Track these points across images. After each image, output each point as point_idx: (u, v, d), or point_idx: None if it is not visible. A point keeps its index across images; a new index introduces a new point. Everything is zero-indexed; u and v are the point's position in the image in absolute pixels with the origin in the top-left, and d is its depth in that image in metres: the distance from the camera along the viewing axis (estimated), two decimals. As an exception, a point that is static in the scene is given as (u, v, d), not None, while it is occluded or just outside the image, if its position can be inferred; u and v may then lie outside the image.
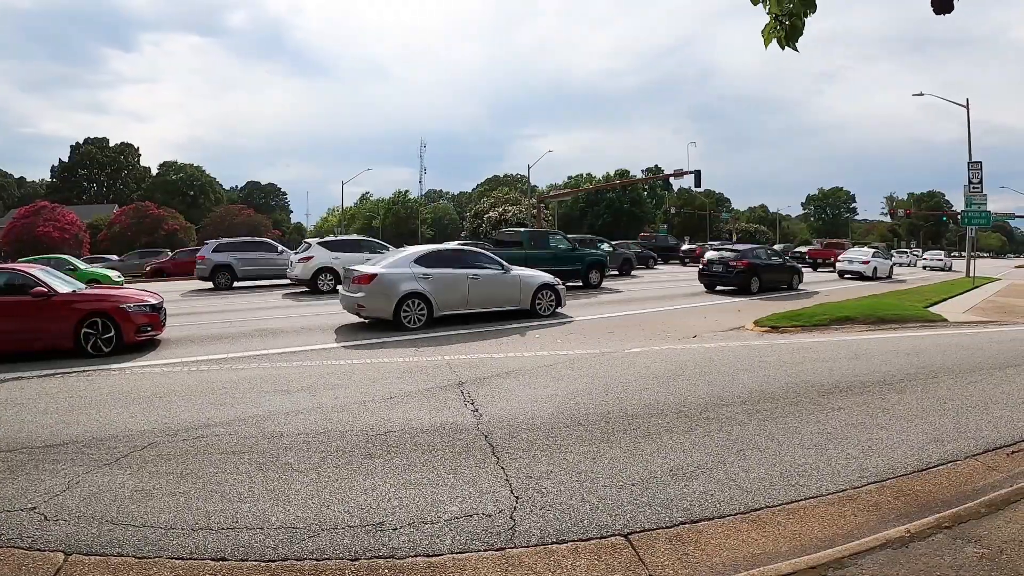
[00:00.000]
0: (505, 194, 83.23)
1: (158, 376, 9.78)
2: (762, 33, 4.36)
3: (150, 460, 6.15)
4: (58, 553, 4.40)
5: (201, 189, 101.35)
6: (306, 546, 4.53)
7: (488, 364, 10.44)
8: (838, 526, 4.98)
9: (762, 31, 4.36)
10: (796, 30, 4.27)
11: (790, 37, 4.28)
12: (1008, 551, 4.47)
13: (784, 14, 4.24)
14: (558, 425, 7.22)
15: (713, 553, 4.53)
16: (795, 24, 4.26)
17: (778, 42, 4.33)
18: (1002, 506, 5.24)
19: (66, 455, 6.28)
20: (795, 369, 10.23)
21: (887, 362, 10.88)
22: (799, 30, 4.27)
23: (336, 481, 5.66)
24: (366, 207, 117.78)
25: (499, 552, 4.48)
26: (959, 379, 9.65)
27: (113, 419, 7.47)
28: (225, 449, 6.46)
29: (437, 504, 5.20)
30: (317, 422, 7.33)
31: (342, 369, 10.15)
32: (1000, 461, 6.43)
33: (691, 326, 15.06)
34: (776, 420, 7.51)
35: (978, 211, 33.11)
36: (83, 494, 5.36)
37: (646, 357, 11.13)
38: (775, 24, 4.30)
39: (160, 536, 4.65)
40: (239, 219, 69.33)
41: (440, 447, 6.50)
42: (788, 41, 4.29)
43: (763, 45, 4.41)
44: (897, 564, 4.28)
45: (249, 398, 8.41)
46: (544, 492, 5.45)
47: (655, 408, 7.93)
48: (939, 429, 7.29)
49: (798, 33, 4.28)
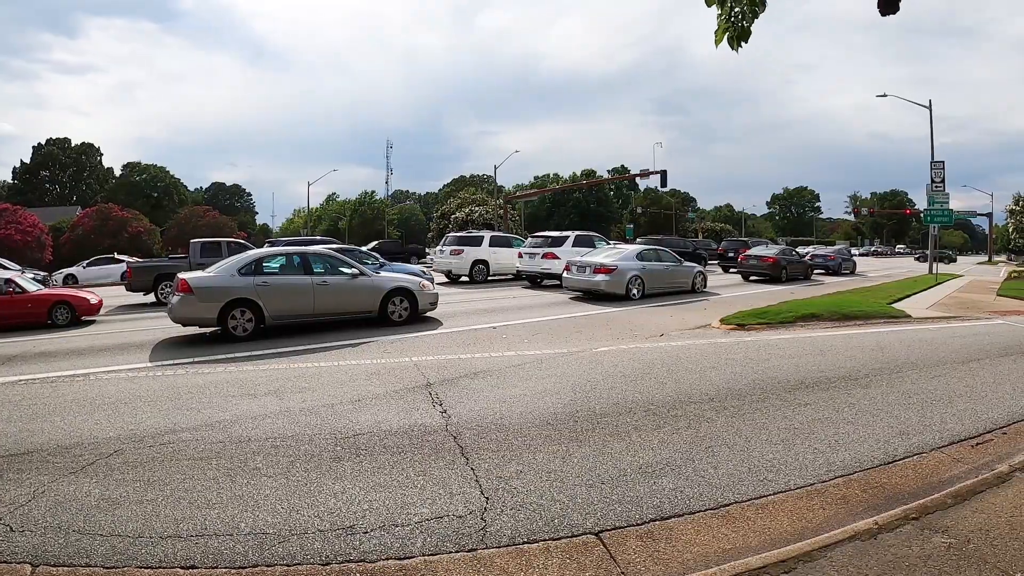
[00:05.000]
0: (472, 194, 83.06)
1: (123, 382, 9.64)
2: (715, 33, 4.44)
3: (116, 468, 6.06)
4: (25, 565, 4.32)
5: (165, 190, 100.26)
6: (276, 551, 4.49)
7: (456, 365, 10.42)
8: (807, 520, 5.03)
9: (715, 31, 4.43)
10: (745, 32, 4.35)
11: (741, 37, 4.35)
12: (975, 540, 4.55)
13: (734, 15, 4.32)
14: (527, 425, 7.22)
15: (684, 549, 4.56)
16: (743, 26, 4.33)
17: (728, 42, 4.40)
18: (968, 496, 5.33)
19: (31, 464, 6.17)
20: (762, 366, 10.33)
21: (852, 358, 11.02)
22: (747, 31, 4.35)
23: (305, 485, 5.61)
24: (332, 208, 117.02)
25: (470, 553, 4.47)
26: (923, 373, 9.80)
27: (78, 426, 7.36)
28: (192, 455, 6.38)
29: (407, 506, 5.18)
30: (285, 426, 7.27)
31: (309, 372, 10.06)
32: (965, 453, 6.55)
33: (658, 324, 15.15)
34: (744, 416, 7.58)
35: (940, 209, 33.60)
36: (49, 504, 5.27)
37: (613, 356, 11.17)
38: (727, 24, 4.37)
39: (128, 545, 4.58)
40: (204, 221, 68.59)
41: (409, 449, 6.48)
42: (737, 42, 4.36)
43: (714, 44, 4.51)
44: (866, 556, 4.34)
45: (216, 403, 8.31)
46: (514, 492, 5.45)
47: (623, 406, 7.96)
48: (904, 423, 7.40)
49: (747, 34, 4.35)
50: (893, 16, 4.23)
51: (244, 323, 13.41)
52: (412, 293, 15.63)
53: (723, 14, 4.39)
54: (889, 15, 4.25)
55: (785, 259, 31.07)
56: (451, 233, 33.07)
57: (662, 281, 22.01)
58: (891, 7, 4.18)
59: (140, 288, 22.12)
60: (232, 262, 14.16)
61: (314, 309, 14.29)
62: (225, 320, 13.26)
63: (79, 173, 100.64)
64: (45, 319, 16.35)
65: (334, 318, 14.69)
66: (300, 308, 14.14)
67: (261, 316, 13.54)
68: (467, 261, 28.08)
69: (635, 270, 20.92)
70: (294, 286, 14.13)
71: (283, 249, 16.43)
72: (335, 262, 15.29)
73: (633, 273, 20.75)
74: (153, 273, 22.05)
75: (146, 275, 22.05)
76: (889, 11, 4.20)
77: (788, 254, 32.77)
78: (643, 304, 19.48)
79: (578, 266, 21.54)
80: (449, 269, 27.78)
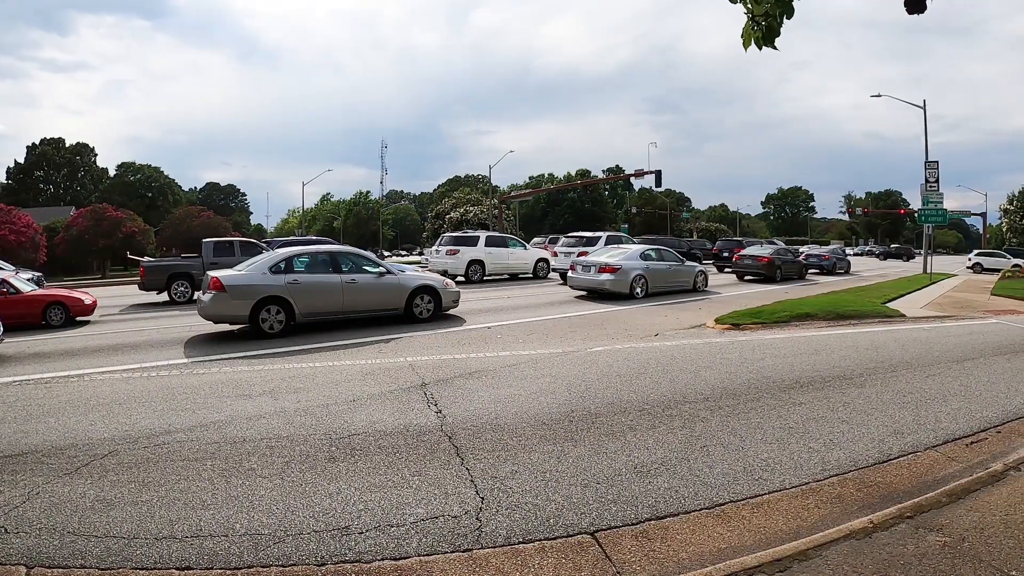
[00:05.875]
0: (466, 194, 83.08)
1: (117, 382, 9.61)
2: (741, 35, 4.41)
3: (111, 469, 6.04)
4: (20, 567, 4.30)
5: (160, 191, 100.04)
6: (271, 552, 4.48)
7: (451, 365, 10.41)
8: (802, 519, 5.04)
9: (741, 33, 4.41)
10: (773, 31, 4.32)
11: (767, 38, 4.33)
12: (970, 539, 4.56)
13: (760, 15, 4.29)
14: (522, 425, 7.23)
15: (679, 549, 4.56)
16: (771, 25, 4.30)
17: (756, 43, 4.37)
18: (963, 495, 5.35)
19: (25, 465, 6.15)
20: (756, 365, 10.34)
21: (847, 357, 11.04)
22: (776, 31, 4.32)
23: (300, 486, 5.60)
24: (327, 208, 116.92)
25: (466, 553, 4.47)
26: (917, 373, 9.83)
27: (72, 427, 7.33)
28: (187, 456, 6.37)
29: (402, 507, 5.18)
30: (280, 426, 7.25)
31: (304, 372, 10.05)
32: (960, 451, 6.57)
33: (653, 324, 15.16)
34: (739, 416, 7.59)
35: (935, 209, 33.67)
36: (44, 505, 5.25)
37: (608, 356, 11.18)
38: (752, 24, 4.34)
39: (123, 546, 4.57)
40: (198, 221, 68.40)
41: (404, 449, 6.48)
42: (766, 41, 4.34)
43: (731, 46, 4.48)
44: (861, 554, 4.35)
45: (210, 403, 8.30)
46: (509, 492, 5.45)
47: (618, 406, 7.97)
48: (899, 422, 7.42)
49: (775, 34, 4.32)
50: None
51: (275, 320, 13.62)
52: (436, 291, 15.99)
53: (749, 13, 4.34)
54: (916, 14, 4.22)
55: (780, 259, 31.08)
56: (447, 233, 33.09)
57: (665, 280, 22.27)
58: (918, 6, 4.15)
59: (153, 287, 22.27)
60: (262, 260, 14.45)
61: (343, 306, 14.64)
62: (256, 317, 13.45)
63: (73, 173, 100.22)
64: (39, 320, 16.31)
65: (362, 315, 14.97)
66: (330, 306, 14.47)
67: (292, 313, 13.77)
68: (463, 261, 28.11)
69: (639, 269, 21.17)
70: (324, 284, 14.40)
71: (312, 248, 16.58)
72: (361, 261, 15.66)
73: (637, 272, 20.99)
74: (166, 272, 22.26)
75: (159, 274, 22.27)
76: (916, 10, 4.18)
77: (783, 254, 32.91)
78: (641, 303, 19.52)
79: (583, 265, 21.83)
80: (445, 269, 27.77)
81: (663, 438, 6.80)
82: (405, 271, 17.13)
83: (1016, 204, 64.24)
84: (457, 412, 7.74)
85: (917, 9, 4.18)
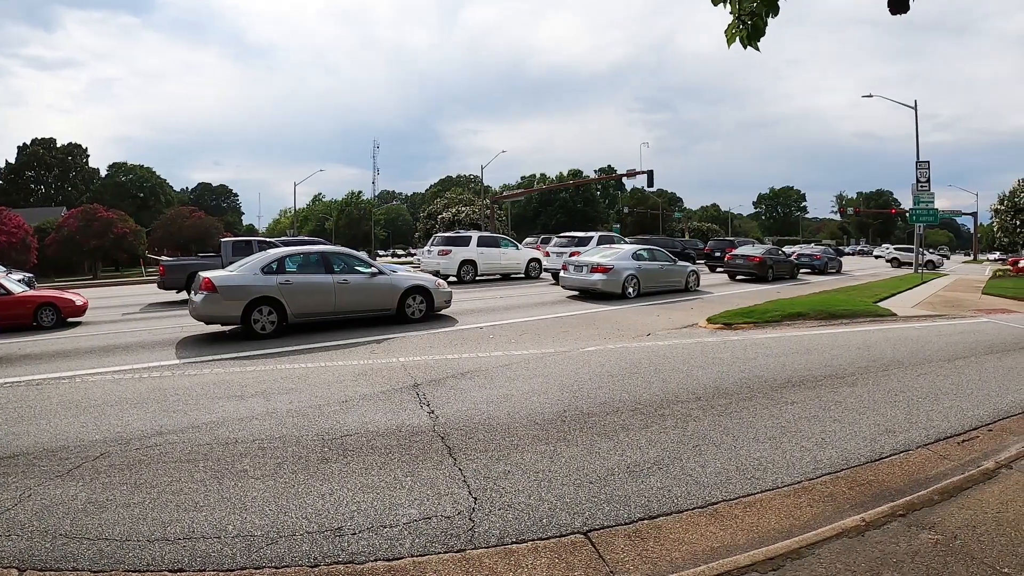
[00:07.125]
0: (458, 194, 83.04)
1: (108, 384, 9.57)
2: (725, 33, 4.41)
3: (103, 471, 6.02)
4: (12, 570, 4.29)
5: (151, 191, 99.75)
6: (264, 554, 4.48)
7: (443, 365, 10.40)
8: (794, 517, 5.06)
9: (725, 31, 4.40)
10: (758, 30, 4.32)
11: (752, 36, 4.32)
12: (962, 536, 4.58)
13: (746, 14, 4.29)
14: (515, 425, 7.23)
15: (672, 548, 4.57)
16: (757, 24, 4.30)
17: (740, 41, 4.37)
18: (955, 493, 5.37)
19: (16, 468, 6.12)
20: (748, 365, 10.36)
21: (838, 356, 11.08)
22: (761, 30, 4.32)
23: (293, 487, 5.59)
24: (319, 208, 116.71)
25: (459, 554, 4.47)
26: (909, 371, 9.87)
27: (64, 429, 7.30)
28: (179, 457, 6.35)
29: (395, 507, 5.17)
30: (272, 427, 7.24)
31: (296, 373, 10.03)
32: (952, 450, 6.59)
33: (645, 324, 15.18)
34: (731, 415, 7.61)
35: (926, 209, 33.80)
36: (35, 508, 5.23)
37: (601, 356, 11.18)
38: (737, 23, 4.34)
39: (115, 549, 4.56)
40: (190, 222, 68.27)
41: (397, 450, 6.47)
42: (750, 40, 4.33)
43: (726, 44, 4.46)
44: (854, 553, 4.36)
45: (202, 404, 8.27)
46: (502, 492, 5.45)
47: (611, 406, 7.98)
48: (891, 420, 7.44)
49: (760, 33, 4.32)
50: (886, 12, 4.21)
51: (267, 321, 13.58)
52: (428, 291, 15.96)
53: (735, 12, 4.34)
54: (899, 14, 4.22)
55: (771, 259, 31.12)
56: (438, 233, 33.08)
57: (657, 280, 22.33)
58: (901, 7, 4.15)
59: (173, 286, 22.81)
60: (254, 261, 14.34)
61: (335, 307, 14.58)
62: (248, 318, 13.40)
63: (64, 174, 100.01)
64: (31, 321, 16.25)
65: (354, 316, 14.93)
66: (322, 306, 14.42)
67: (284, 314, 13.74)
68: (455, 261, 28.09)
69: (631, 269, 21.19)
70: (316, 285, 14.35)
71: (304, 248, 16.46)
72: (354, 261, 15.55)
73: (629, 272, 21.02)
74: (186, 271, 22.54)
75: (179, 273, 22.76)
76: (899, 11, 4.18)
77: (774, 254, 32.98)
78: (634, 303, 19.53)
79: (575, 265, 21.90)
80: (437, 270, 27.74)
81: (656, 438, 6.81)
82: (397, 271, 17.10)
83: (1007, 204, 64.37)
84: (450, 412, 7.73)
85: (900, 9, 4.18)
